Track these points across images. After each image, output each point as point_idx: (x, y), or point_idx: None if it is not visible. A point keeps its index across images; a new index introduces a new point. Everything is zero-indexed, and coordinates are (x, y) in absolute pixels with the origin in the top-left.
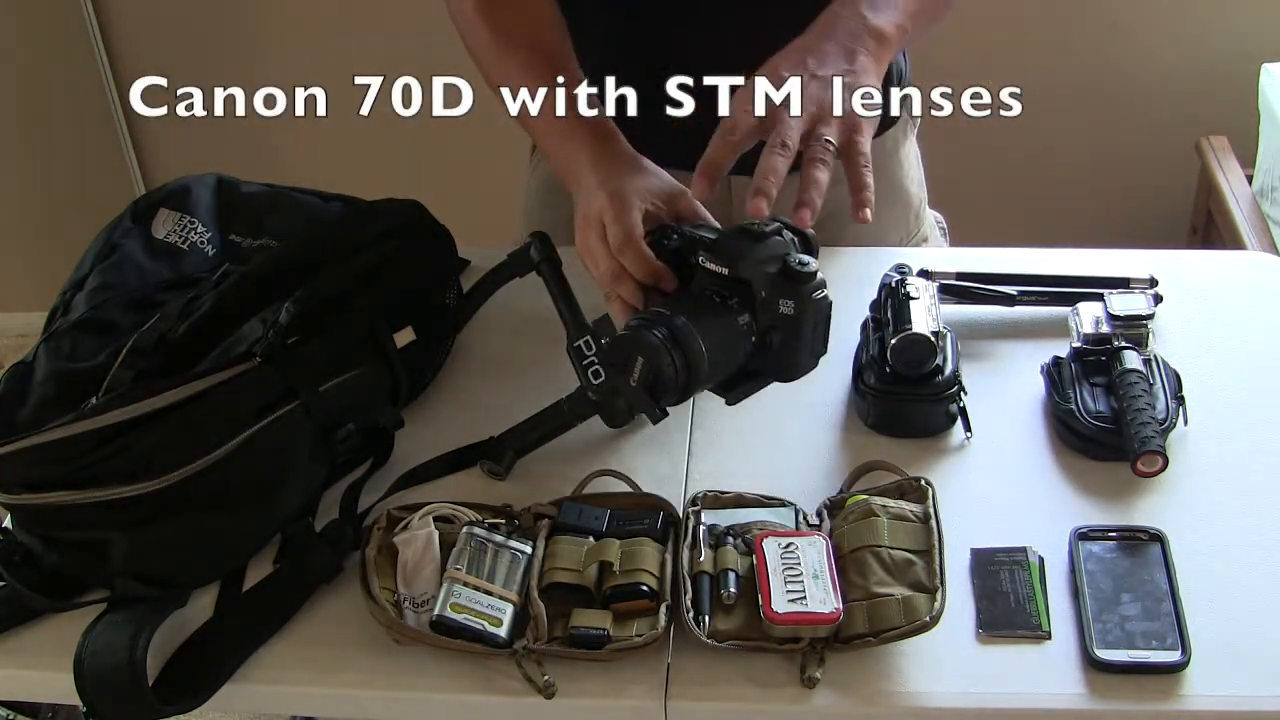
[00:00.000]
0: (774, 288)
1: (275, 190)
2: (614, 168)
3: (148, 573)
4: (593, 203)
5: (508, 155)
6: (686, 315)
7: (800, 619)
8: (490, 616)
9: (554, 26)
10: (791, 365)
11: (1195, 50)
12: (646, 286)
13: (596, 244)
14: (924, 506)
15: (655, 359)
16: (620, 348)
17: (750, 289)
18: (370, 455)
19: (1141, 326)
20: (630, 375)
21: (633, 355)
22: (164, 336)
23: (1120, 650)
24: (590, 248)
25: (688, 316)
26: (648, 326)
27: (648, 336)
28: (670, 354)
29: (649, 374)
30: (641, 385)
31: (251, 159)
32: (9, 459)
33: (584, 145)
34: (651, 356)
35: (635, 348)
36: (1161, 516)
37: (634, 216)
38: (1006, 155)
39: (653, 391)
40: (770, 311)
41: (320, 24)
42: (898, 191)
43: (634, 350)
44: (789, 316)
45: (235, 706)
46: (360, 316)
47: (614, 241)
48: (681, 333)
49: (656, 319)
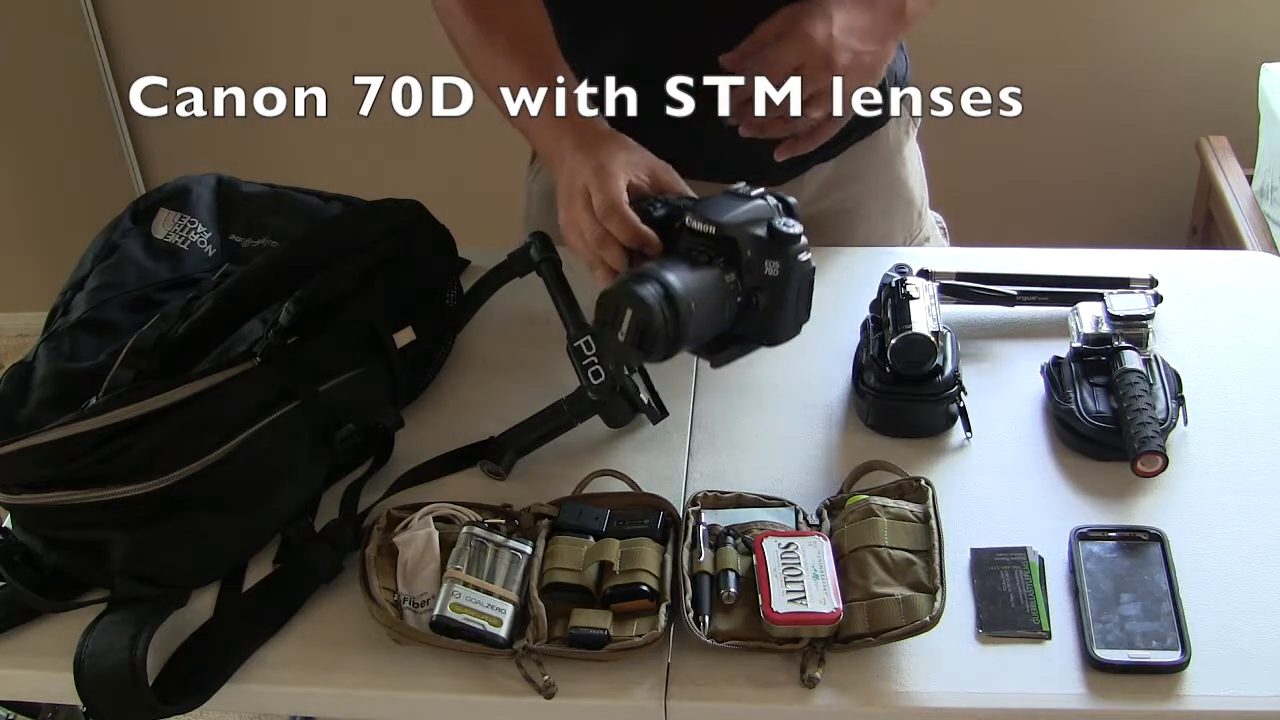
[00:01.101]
0: (760, 248)
1: (275, 190)
2: (598, 143)
3: (148, 573)
4: (577, 176)
5: (508, 155)
6: (673, 271)
7: (800, 619)
8: (490, 616)
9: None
10: (776, 328)
11: (1195, 50)
12: (632, 252)
13: (581, 212)
14: (924, 506)
15: (644, 312)
16: (608, 302)
17: (736, 249)
18: (370, 455)
19: (1141, 326)
20: (618, 330)
21: (621, 309)
22: (164, 336)
23: (1120, 650)
24: (575, 217)
25: (674, 273)
26: (635, 281)
27: (635, 289)
28: (659, 306)
29: (637, 327)
30: (630, 340)
31: (251, 159)
32: (9, 459)
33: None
34: (639, 309)
35: (623, 300)
36: (1161, 516)
37: (619, 184)
38: (1006, 155)
39: (641, 344)
40: (756, 272)
41: (320, 24)
42: (900, 190)
43: (622, 303)
44: (774, 278)
45: (235, 706)
46: (360, 316)
47: (600, 208)
48: (670, 285)
49: (643, 274)
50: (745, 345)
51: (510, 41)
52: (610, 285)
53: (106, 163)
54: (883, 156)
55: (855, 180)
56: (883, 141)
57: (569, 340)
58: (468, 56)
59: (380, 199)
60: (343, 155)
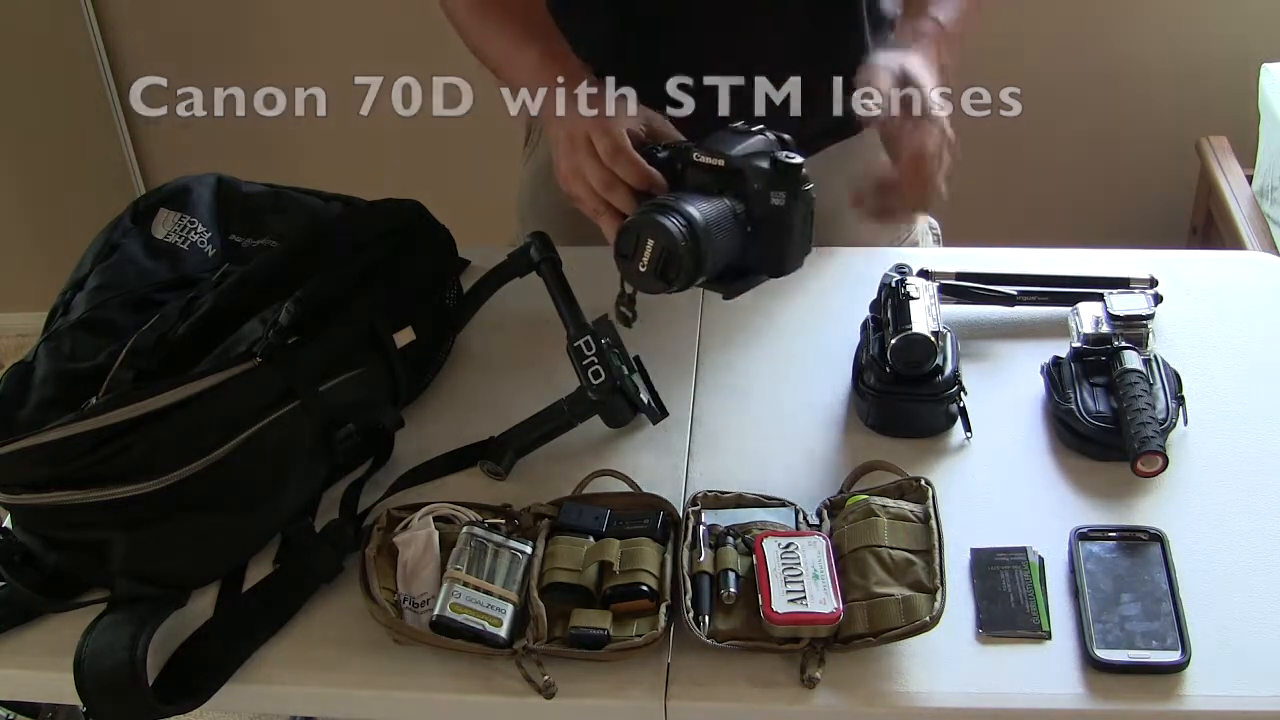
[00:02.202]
0: (766, 179)
1: (275, 190)
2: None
3: (148, 573)
4: (577, 125)
5: (508, 155)
6: (689, 203)
7: (800, 619)
8: (490, 616)
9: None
10: (784, 258)
11: (1195, 50)
12: (638, 194)
13: (585, 159)
14: (924, 506)
15: (667, 240)
16: (630, 233)
17: (744, 180)
18: (370, 455)
19: (1141, 326)
20: (639, 261)
21: (643, 238)
22: (164, 336)
23: (1120, 650)
24: (578, 165)
25: (690, 204)
26: (656, 211)
27: (657, 218)
28: (680, 233)
29: (661, 256)
30: (652, 270)
31: (251, 159)
32: (9, 459)
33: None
34: (661, 236)
35: (645, 230)
36: (1161, 516)
37: (621, 127)
38: (1006, 155)
39: (664, 274)
40: (762, 203)
41: (320, 24)
42: None
43: (644, 233)
44: (780, 208)
45: (235, 706)
46: (360, 316)
47: (605, 152)
48: (689, 214)
49: (661, 204)
50: (753, 278)
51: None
52: (631, 217)
53: (106, 163)
54: (871, 154)
55: (838, 181)
56: (871, 138)
57: (569, 340)
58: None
59: (380, 199)
60: (343, 155)
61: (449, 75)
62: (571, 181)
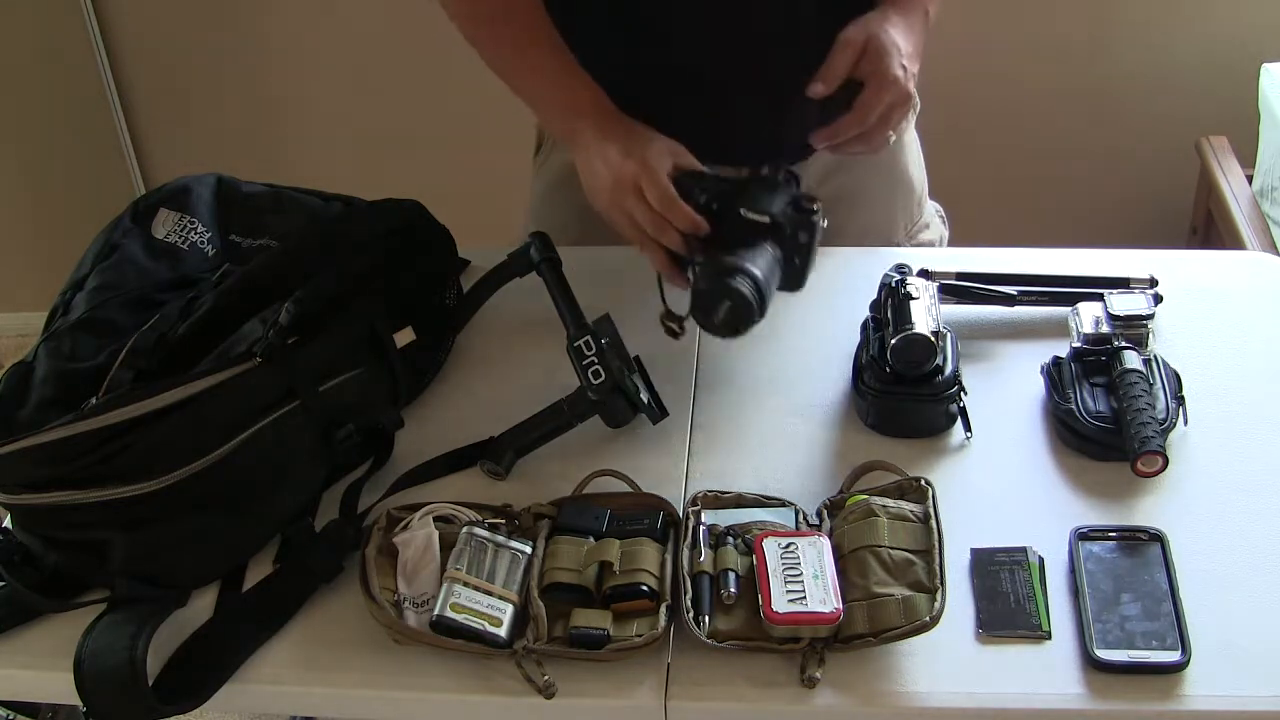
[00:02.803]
0: (795, 223)
1: (275, 190)
2: (624, 134)
3: (148, 573)
4: (624, 168)
5: (507, 155)
6: (750, 261)
7: (800, 619)
8: (490, 616)
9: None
10: (801, 278)
11: (1195, 50)
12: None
13: (635, 204)
14: (924, 506)
15: (742, 301)
16: (707, 296)
17: (781, 230)
18: (370, 455)
19: (1141, 326)
20: (715, 317)
21: (719, 300)
22: (164, 336)
23: (1120, 650)
24: (628, 208)
25: (752, 263)
26: (729, 276)
27: (731, 284)
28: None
29: (735, 317)
30: (726, 329)
31: (251, 159)
32: (9, 459)
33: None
34: (738, 299)
35: (722, 294)
36: (1161, 516)
37: (666, 178)
38: (1007, 155)
39: (737, 329)
40: (793, 242)
41: (320, 25)
42: (900, 177)
43: (721, 296)
44: (804, 243)
45: (235, 706)
46: (360, 316)
47: (657, 202)
48: (755, 277)
49: (732, 268)
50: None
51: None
52: (706, 282)
53: (106, 163)
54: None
55: (857, 166)
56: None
57: (569, 340)
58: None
59: (380, 199)
60: (343, 155)
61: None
62: (618, 218)
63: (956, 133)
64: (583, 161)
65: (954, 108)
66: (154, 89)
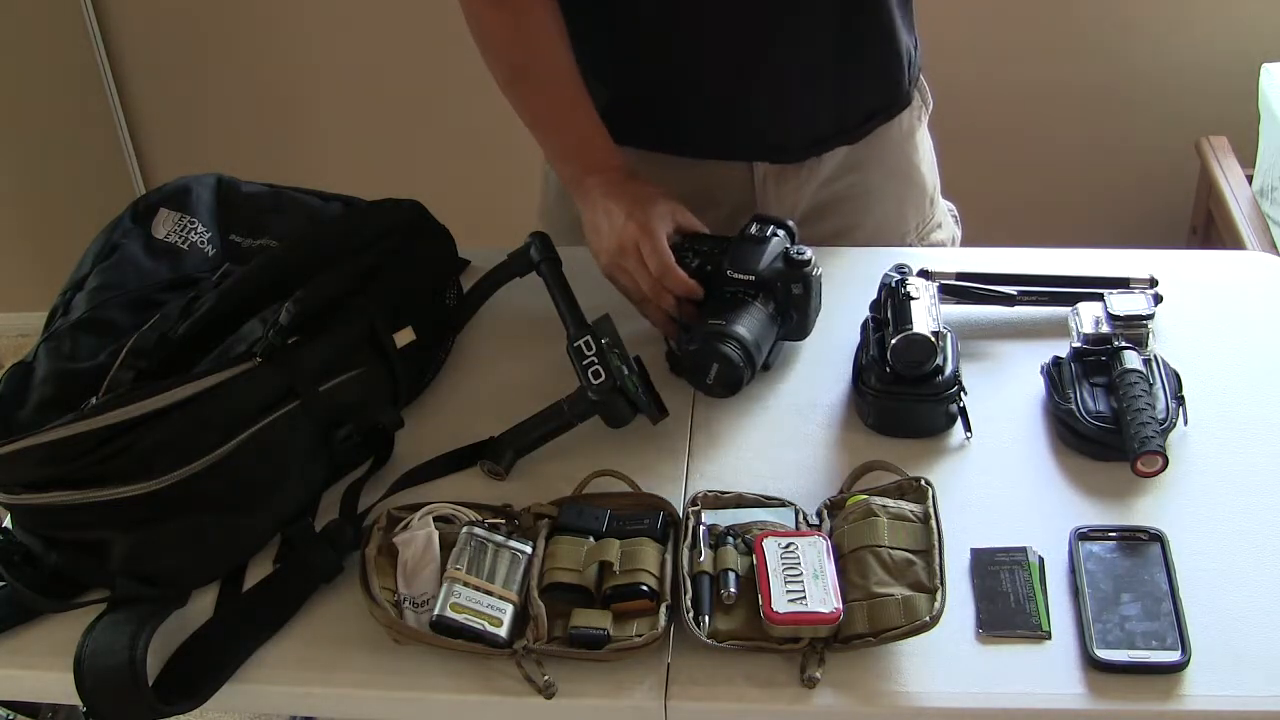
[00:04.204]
0: (785, 278)
1: (275, 190)
2: (633, 198)
3: (148, 573)
4: (625, 232)
5: (508, 155)
6: (739, 324)
7: (800, 619)
8: (490, 616)
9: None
10: (803, 329)
11: (1195, 50)
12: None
13: (636, 267)
14: (924, 506)
15: (730, 369)
16: (699, 360)
17: (769, 286)
18: (370, 455)
19: (1141, 326)
20: (708, 377)
21: (709, 364)
22: (164, 336)
23: (1120, 650)
24: (628, 270)
25: (742, 325)
26: (718, 340)
27: (719, 348)
28: (741, 361)
29: (725, 378)
30: (718, 388)
31: (251, 159)
32: (9, 459)
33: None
34: (726, 365)
35: (711, 358)
36: (1161, 516)
37: (666, 246)
38: (1007, 155)
39: (729, 388)
40: (786, 295)
41: (321, 24)
42: (913, 175)
43: (710, 359)
44: (799, 295)
45: (235, 706)
46: (360, 316)
47: (656, 270)
48: (744, 340)
49: (717, 333)
50: (779, 345)
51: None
52: (695, 345)
53: (106, 163)
54: (896, 141)
55: (870, 164)
56: (897, 127)
57: (569, 340)
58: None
59: (380, 199)
60: (343, 155)
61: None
62: (619, 278)
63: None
64: (587, 217)
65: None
66: (154, 89)
